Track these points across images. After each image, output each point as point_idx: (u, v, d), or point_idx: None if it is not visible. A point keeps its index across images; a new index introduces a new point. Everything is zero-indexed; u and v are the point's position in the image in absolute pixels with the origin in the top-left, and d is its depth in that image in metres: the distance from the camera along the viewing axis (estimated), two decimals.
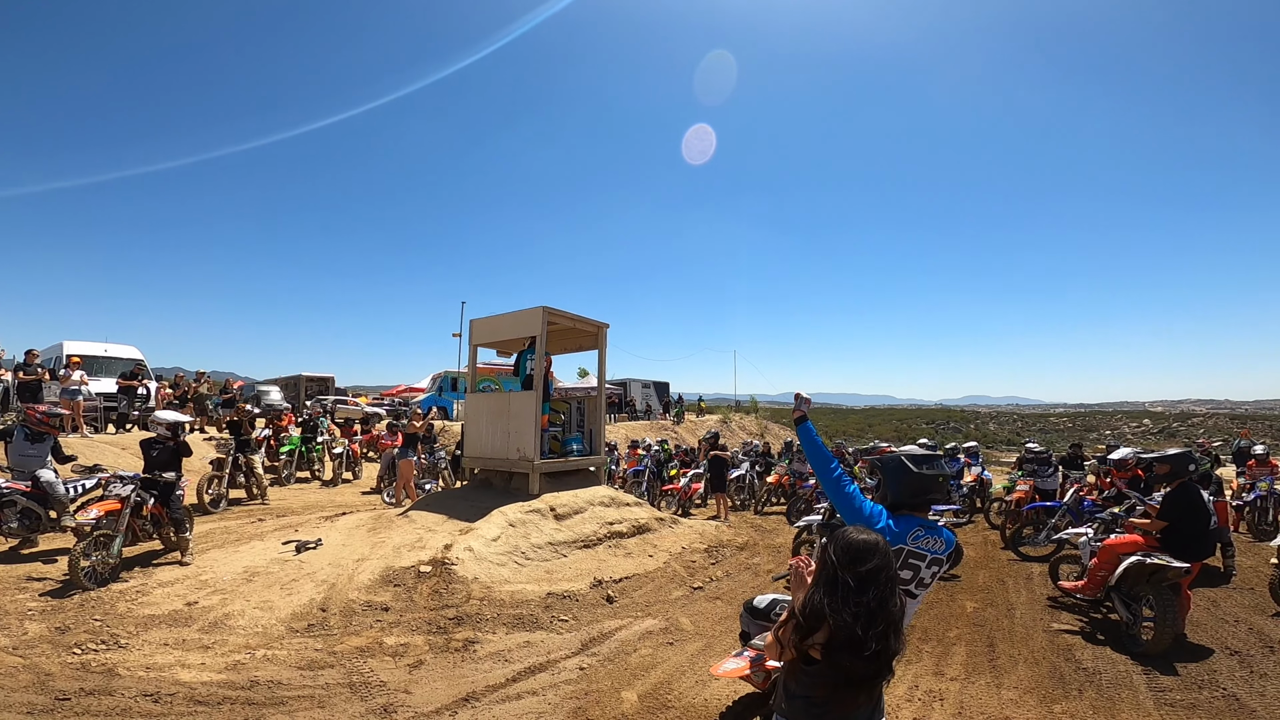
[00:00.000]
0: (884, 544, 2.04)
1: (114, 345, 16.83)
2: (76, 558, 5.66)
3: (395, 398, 29.65)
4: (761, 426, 39.22)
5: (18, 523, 6.57)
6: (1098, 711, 4.30)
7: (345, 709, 3.98)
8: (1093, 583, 5.96)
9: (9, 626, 4.83)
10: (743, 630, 3.48)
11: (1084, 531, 6.61)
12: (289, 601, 5.62)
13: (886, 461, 2.92)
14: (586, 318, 9.50)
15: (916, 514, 2.78)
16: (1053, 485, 10.57)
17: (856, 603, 1.91)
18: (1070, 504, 8.73)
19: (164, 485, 6.80)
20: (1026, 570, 8.07)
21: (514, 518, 7.59)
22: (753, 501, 14.40)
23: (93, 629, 4.87)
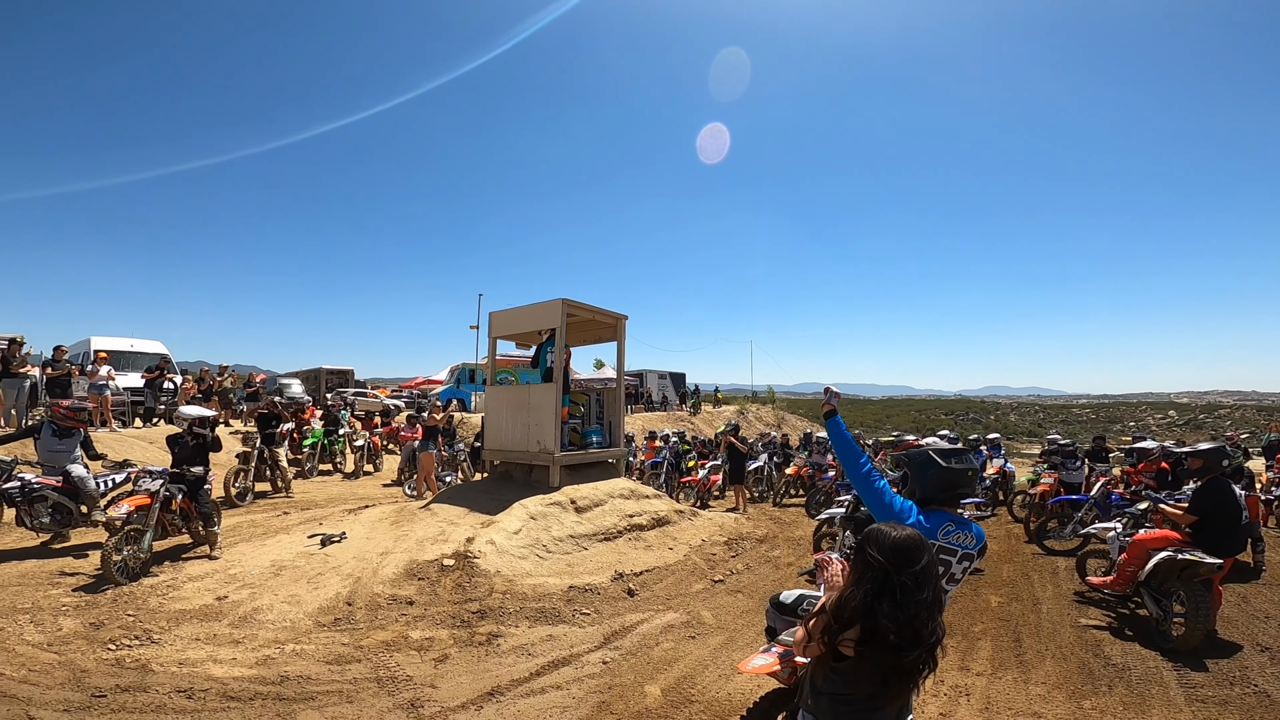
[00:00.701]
0: (924, 539, 2.06)
1: (139, 340, 17.07)
2: (109, 553, 5.74)
3: (414, 390, 29.87)
4: (778, 417, 39.12)
5: (49, 518, 6.67)
6: (1128, 707, 4.26)
7: (373, 704, 4.01)
8: (1122, 578, 5.89)
9: (44, 622, 4.90)
10: (768, 625, 3.46)
11: (1112, 526, 6.52)
12: (316, 595, 5.68)
13: (914, 456, 2.89)
14: (605, 309, 9.48)
15: (946, 509, 2.76)
16: (1078, 478, 10.44)
17: (915, 602, 1.94)
18: (1097, 497, 8.61)
19: (192, 479, 6.89)
20: (1052, 564, 7.99)
21: (535, 510, 7.61)
22: (771, 493, 14.38)
23: (126, 624, 4.93)
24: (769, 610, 3.44)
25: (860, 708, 2.08)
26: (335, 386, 27.94)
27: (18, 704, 3.64)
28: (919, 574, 1.97)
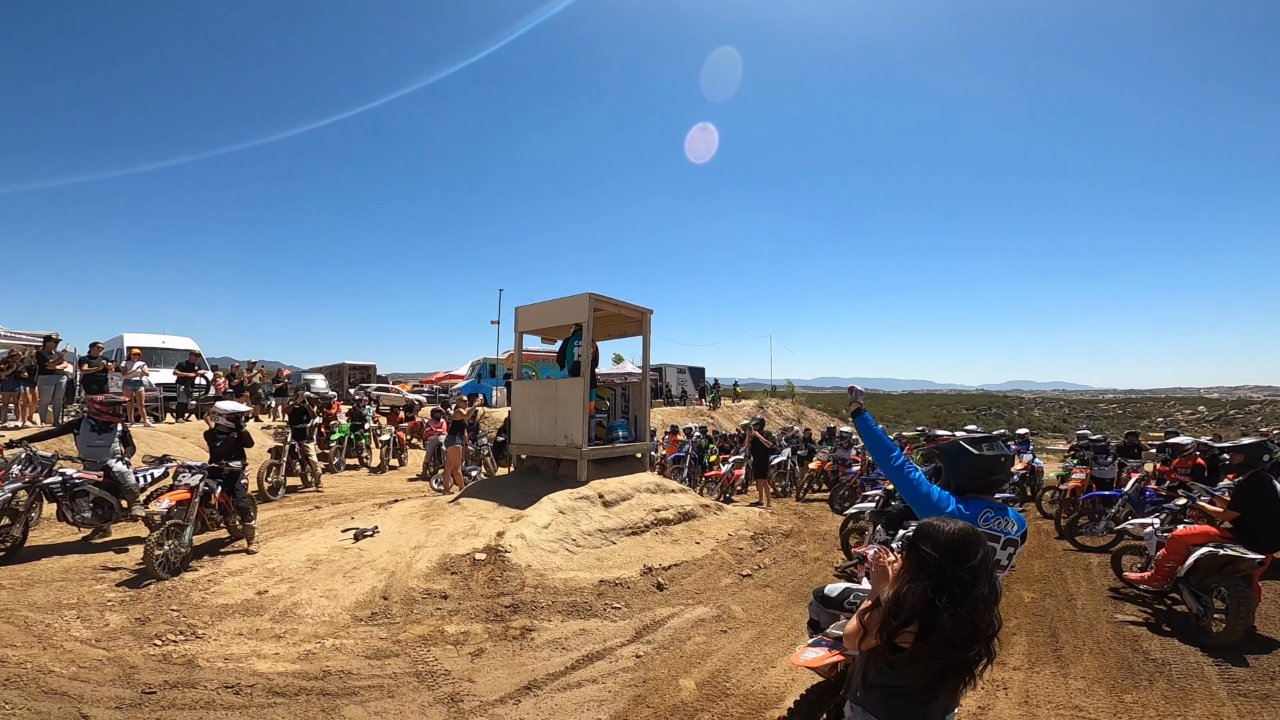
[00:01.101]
0: (978, 533, 2.08)
1: (171, 336, 17.34)
2: (151, 547, 5.84)
3: (435, 384, 30.11)
4: (798, 412, 38.96)
5: (90, 513, 6.77)
6: (1170, 701, 4.25)
7: (414, 699, 4.05)
8: (1160, 574, 5.85)
9: (90, 618, 4.98)
10: (811, 619, 3.46)
11: (1150, 522, 6.45)
12: (352, 590, 5.75)
13: (945, 448, 2.91)
14: (631, 304, 9.48)
15: (983, 496, 2.77)
16: (1110, 474, 10.29)
17: (973, 596, 1.96)
18: (1131, 493, 8.51)
19: (229, 474, 6.99)
20: (1084, 560, 7.92)
21: (563, 504, 7.65)
22: (793, 488, 14.33)
23: (171, 619, 5.00)
24: (812, 604, 3.44)
25: (914, 700, 2.11)
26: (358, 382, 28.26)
27: (70, 701, 3.70)
28: (975, 568, 1.98)
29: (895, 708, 2.15)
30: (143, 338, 16.67)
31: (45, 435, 7.45)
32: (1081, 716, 4.09)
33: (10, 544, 6.41)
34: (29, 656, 4.17)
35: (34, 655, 4.20)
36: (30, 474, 6.55)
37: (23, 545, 6.56)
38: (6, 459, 6.81)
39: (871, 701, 2.19)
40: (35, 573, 6.01)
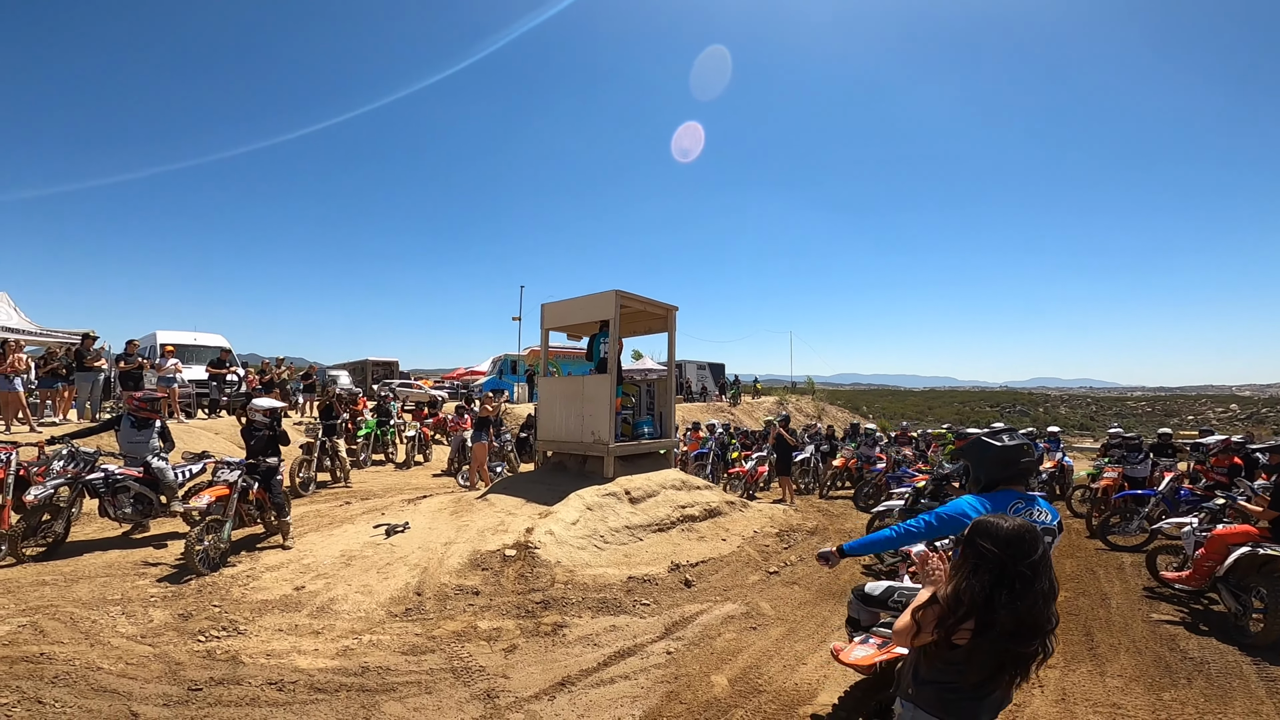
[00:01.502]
0: (1037, 529, 2.11)
1: (202, 334, 17.68)
2: (192, 543, 5.95)
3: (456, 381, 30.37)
4: (818, 408, 38.78)
5: (131, 508, 6.91)
6: (1209, 700, 4.24)
7: (451, 695, 4.11)
8: (1199, 573, 5.82)
9: (135, 614, 5.06)
10: (851, 617, 3.48)
11: (1188, 521, 6.38)
12: (386, 585, 5.83)
13: (968, 447, 2.97)
14: (656, 300, 9.50)
15: (1012, 487, 2.81)
16: (1143, 473, 10.12)
17: (1034, 592, 1.99)
18: (1166, 492, 8.39)
19: (266, 470, 7.11)
20: (1117, 560, 7.84)
21: (591, 501, 7.69)
22: (816, 486, 14.28)
23: (213, 615, 5.09)
24: (852, 602, 3.46)
25: (968, 696, 2.14)
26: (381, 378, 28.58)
27: (119, 699, 3.76)
28: (1036, 564, 2.01)
29: (949, 703, 2.17)
30: (176, 335, 17.00)
31: (87, 432, 7.60)
32: (1120, 714, 4.08)
33: (53, 539, 6.55)
34: (77, 653, 4.25)
35: (82, 652, 4.29)
36: (72, 470, 6.71)
37: (65, 541, 6.71)
38: (48, 455, 6.97)
39: (925, 698, 2.22)
40: (79, 568, 6.15)
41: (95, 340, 12.53)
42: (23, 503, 6.43)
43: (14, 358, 10.63)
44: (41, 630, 4.56)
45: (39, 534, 6.45)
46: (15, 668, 3.95)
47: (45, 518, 6.48)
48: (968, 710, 2.19)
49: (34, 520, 6.37)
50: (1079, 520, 10.24)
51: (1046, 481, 12.30)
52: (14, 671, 3.90)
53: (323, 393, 17.12)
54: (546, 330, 10.01)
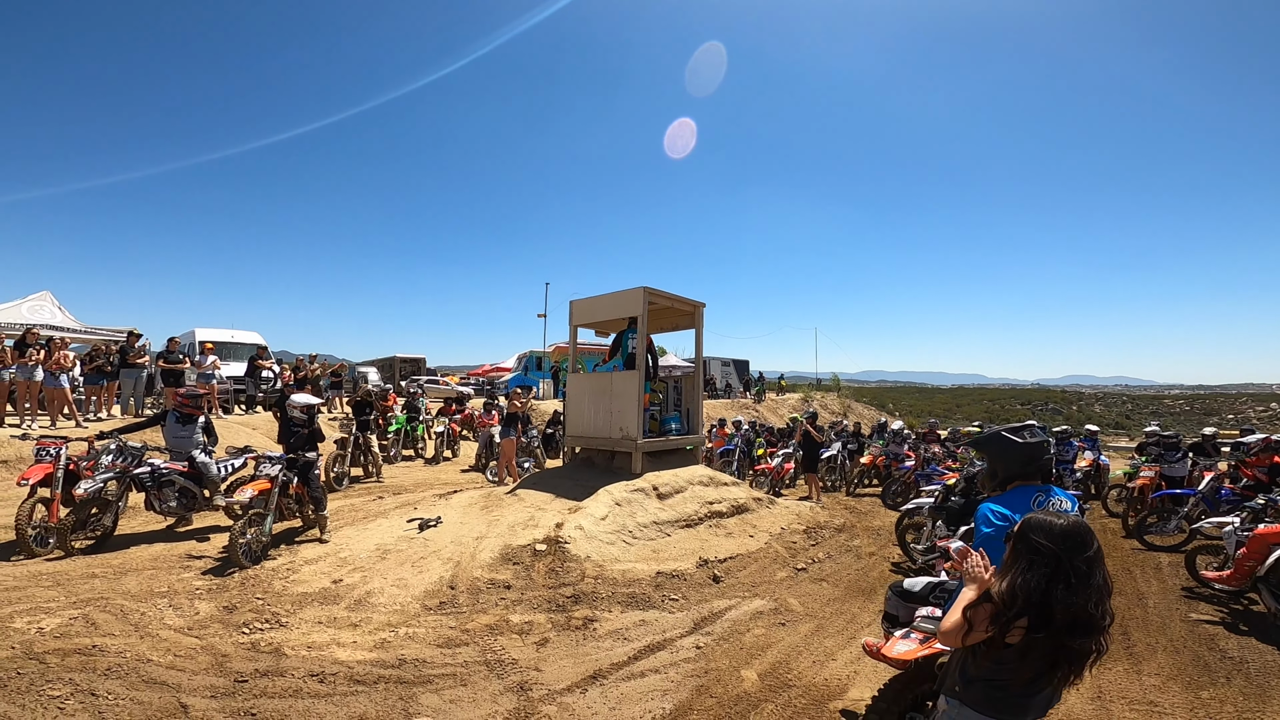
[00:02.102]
0: (1089, 527, 2.13)
1: (239, 331, 18.10)
2: (235, 536, 6.11)
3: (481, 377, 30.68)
4: (844, 405, 38.48)
5: (176, 502, 7.12)
6: (1249, 699, 4.20)
7: (485, 687, 4.19)
8: (1240, 573, 5.75)
9: (181, 606, 5.19)
10: (888, 613, 3.50)
11: (1229, 521, 6.28)
12: (421, 579, 5.95)
13: (986, 441, 2.99)
14: (684, 297, 9.53)
15: (1030, 482, 2.83)
16: (1181, 472, 9.92)
17: (1089, 587, 2.01)
18: (1206, 492, 8.23)
19: (304, 464, 7.26)
20: (1154, 560, 7.74)
21: (620, 496, 7.76)
22: (842, 483, 14.21)
23: (256, 608, 5.23)
24: (890, 598, 3.48)
25: (1018, 695, 2.15)
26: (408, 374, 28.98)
27: (169, 691, 3.87)
28: (1091, 559, 2.04)
29: (998, 701, 2.18)
30: (213, 332, 17.41)
31: (133, 427, 7.80)
32: (1157, 712, 4.06)
33: (101, 533, 6.76)
34: (128, 645, 4.38)
35: (132, 644, 4.42)
36: (120, 464, 6.91)
37: (113, 534, 6.93)
38: (97, 450, 7.20)
39: (972, 696, 2.23)
40: (126, 561, 6.35)
41: (139, 338, 12.93)
42: (72, 496, 6.65)
43: (60, 355, 11.00)
44: (93, 622, 4.70)
45: (88, 527, 6.67)
46: (68, 660, 4.07)
47: (94, 511, 6.68)
48: (1017, 708, 2.20)
49: (83, 514, 6.58)
50: (1114, 520, 10.09)
51: (1081, 480, 12.10)
52: (66, 664, 4.02)
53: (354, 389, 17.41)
54: (575, 327, 10.08)
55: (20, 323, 12.77)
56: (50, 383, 10.80)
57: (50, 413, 11.11)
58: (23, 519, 6.25)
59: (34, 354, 10.62)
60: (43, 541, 6.43)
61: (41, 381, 10.73)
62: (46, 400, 11.10)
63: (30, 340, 10.79)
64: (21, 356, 10.57)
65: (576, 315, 9.90)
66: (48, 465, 6.63)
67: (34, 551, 6.28)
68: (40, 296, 14.64)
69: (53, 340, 11.25)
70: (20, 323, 12.77)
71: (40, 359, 10.67)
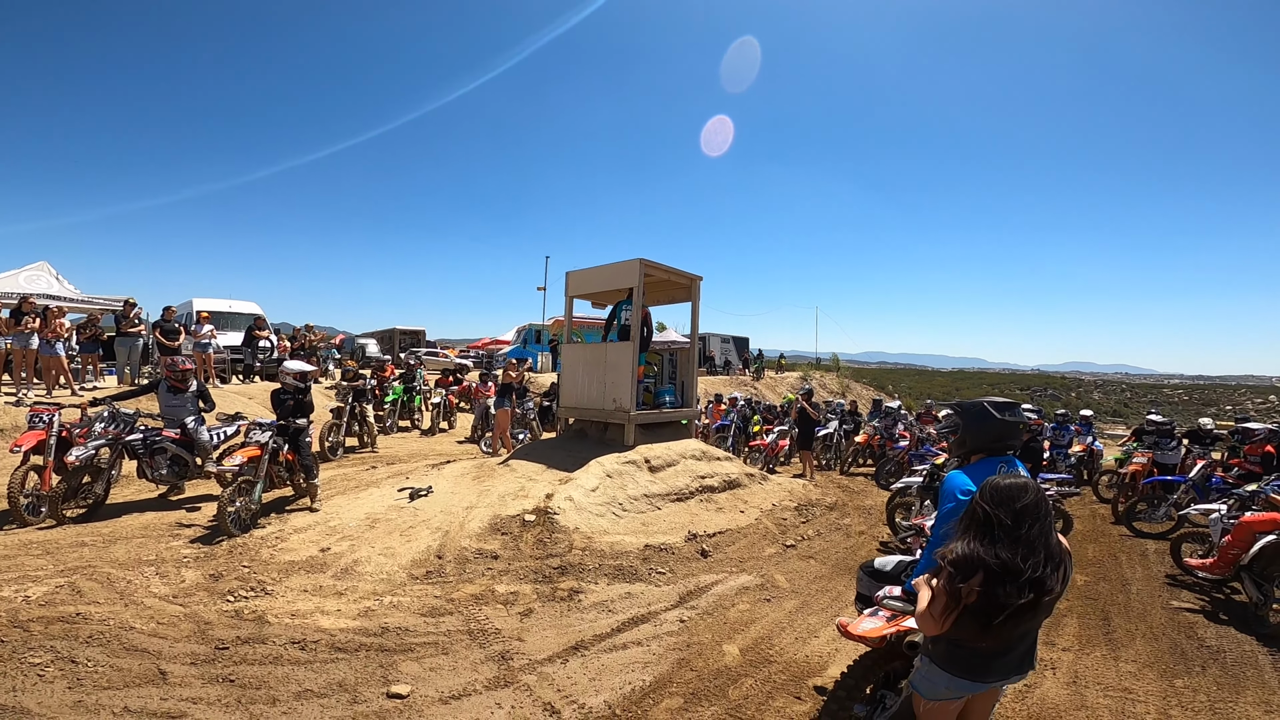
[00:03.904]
0: (1035, 484, 2.25)
1: (237, 301, 18.08)
2: (224, 504, 6.12)
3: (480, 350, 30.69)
4: (843, 385, 38.44)
5: (168, 469, 7.14)
6: (1222, 688, 4.22)
7: (467, 656, 4.21)
8: (1223, 561, 5.73)
9: (168, 574, 5.24)
10: (859, 593, 3.51)
11: (1216, 508, 6.27)
12: (409, 548, 5.98)
13: (968, 407, 2.97)
14: (681, 270, 9.44)
15: (994, 455, 2.88)
16: (1173, 459, 9.90)
17: (1014, 537, 2.14)
18: (1196, 480, 8.22)
19: (295, 431, 7.25)
20: (1141, 546, 7.76)
21: (611, 468, 7.75)
22: (837, 462, 14.23)
23: (242, 576, 5.26)
24: (860, 578, 3.48)
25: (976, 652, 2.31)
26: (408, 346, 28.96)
27: (149, 658, 3.90)
28: (1019, 512, 2.17)
29: (959, 658, 2.33)
30: (210, 302, 17.39)
31: (127, 394, 7.80)
32: (1130, 698, 4.07)
33: (93, 501, 6.77)
34: (112, 613, 4.41)
35: (116, 612, 4.44)
36: (113, 431, 6.91)
37: (104, 503, 6.93)
38: (90, 417, 7.20)
39: (938, 653, 2.37)
40: (117, 529, 6.38)
41: (134, 306, 12.90)
42: (64, 464, 6.66)
43: (56, 323, 10.98)
44: (78, 590, 4.73)
45: (79, 496, 6.69)
46: (51, 628, 4.10)
47: (86, 480, 6.71)
48: (977, 667, 2.34)
49: (75, 482, 6.60)
50: (1105, 506, 10.11)
51: (1074, 465, 12.13)
52: (50, 631, 4.05)
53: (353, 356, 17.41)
54: (571, 298, 10.02)
55: (17, 292, 12.71)
56: (46, 350, 10.79)
57: (46, 381, 11.12)
58: (15, 487, 6.27)
59: (30, 321, 10.59)
60: (35, 510, 6.46)
61: (37, 349, 10.72)
62: (43, 368, 11.10)
63: (26, 308, 10.76)
64: (17, 325, 10.55)
65: (573, 286, 9.84)
66: (41, 432, 6.64)
67: (26, 520, 6.32)
68: (38, 266, 14.59)
69: (49, 309, 11.22)
70: (17, 292, 12.71)
71: (36, 326, 10.65)
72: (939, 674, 2.42)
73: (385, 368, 15.25)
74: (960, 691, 2.44)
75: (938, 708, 2.51)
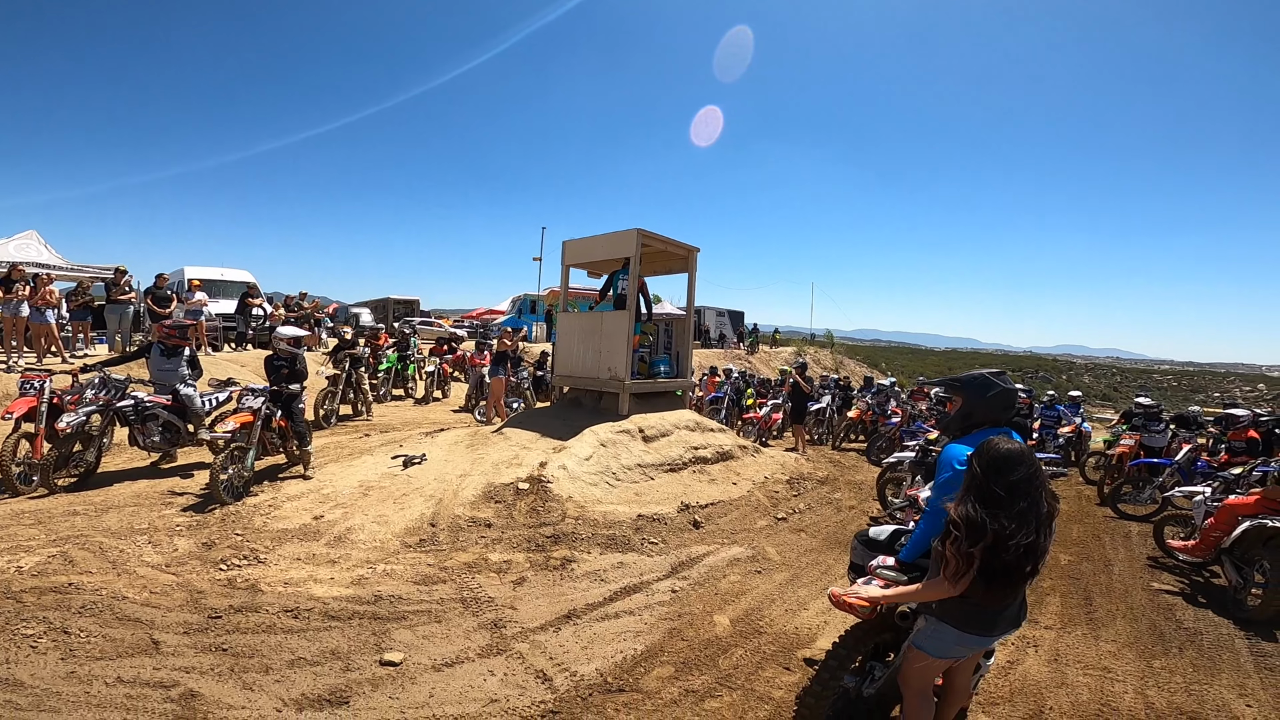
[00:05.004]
0: (1029, 452, 2.39)
1: (229, 269, 17.93)
2: (216, 471, 6.07)
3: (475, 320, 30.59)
4: (836, 361, 38.55)
5: (160, 436, 7.07)
6: (1198, 670, 4.26)
7: (459, 624, 4.24)
8: (1205, 544, 5.77)
9: (160, 543, 5.22)
10: (853, 562, 3.53)
11: (1200, 490, 6.30)
12: (402, 516, 5.99)
13: (965, 380, 3.01)
14: (678, 241, 9.36)
15: (994, 427, 2.90)
16: (1160, 442, 10.00)
17: (1012, 510, 2.27)
18: (1182, 462, 8.29)
19: (288, 397, 7.17)
20: (1125, 528, 7.85)
21: (605, 437, 7.74)
22: (829, 436, 14.28)
23: (235, 544, 5.25)
24: (855, 547, 3.51)
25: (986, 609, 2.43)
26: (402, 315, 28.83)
27: (142, 627, 3.90)
28: (1014, 484, 2.29)
29: (970, 616, 2.46)
30: (203, 270, 17.25)
31: (118, 360, 7.71)
32: (1109, 678, 4.12)
33: (84, 469, 6.69)
34: (104, 583, 4.40)
35: (109, 581, 4.43)
36: (104, 398, 6.83)
37: (95, 471, 6.87)
38: (82, 384, 7.13)
39: (947, 611, 2.49)
40: (109, 498, 6.35)
41: (125, 274, 12.78)
42: (56, 431, 6.61)
43: (45, 290, 10.89)
44: (71, 560, 4.71)
45: (71, 464, 6.62)
46: (44, 598, 4.09)
47: (77, 447, 6.63)
48: (986, 623, 2.46)
49: (66, 449, 6.54)
50: (1091, 487, 10.21)
51: (1063, 446, 12.23)
52: (42, 602, 4.04)
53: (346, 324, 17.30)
54: (567, 267, 9.94)
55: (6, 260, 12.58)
56: (36, 318, 10.70)
57: (36, 349, 11.04)
58: (6, 455, 6.22)
59: (20, 289, 10.49)
60: (27, 479, 6.42)
61: (27, 317, 10.63)
62: (33, 336, 11.03)
63: (16, 276, 10.65)
64: (7, 293, 10.45)
65: (569, 255, 9.75)
66: (32, 399, 6.59)
67: (18, 489, 6.28)
68: (26, 235, 14.44)
69: (39, 277, 11.12)
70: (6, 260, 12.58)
71: (26, 294, 10.55)
72: (949, 632, 2.50)
73: (379, 336, 15.20)
74: (970, 648, 2.56)
75: (933, 666, 2.62)
